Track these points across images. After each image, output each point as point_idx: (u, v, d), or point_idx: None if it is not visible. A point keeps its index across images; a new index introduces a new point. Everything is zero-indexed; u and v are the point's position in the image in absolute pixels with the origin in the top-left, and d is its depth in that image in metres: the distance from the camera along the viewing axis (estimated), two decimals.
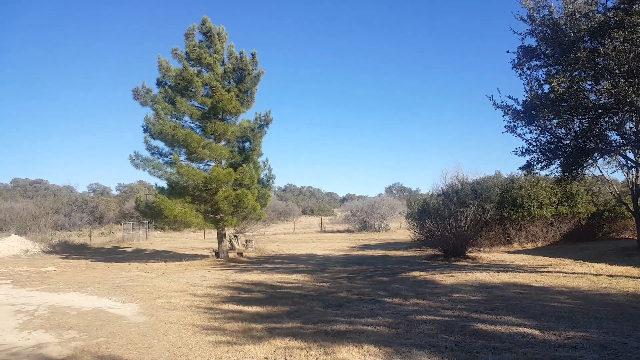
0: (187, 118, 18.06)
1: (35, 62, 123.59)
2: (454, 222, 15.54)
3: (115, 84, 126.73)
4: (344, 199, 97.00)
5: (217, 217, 18.12)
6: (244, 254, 20.38)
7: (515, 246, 19.71)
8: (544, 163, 13.42)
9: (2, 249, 23.95)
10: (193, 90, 17.53)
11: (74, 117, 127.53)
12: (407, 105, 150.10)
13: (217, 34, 18.19)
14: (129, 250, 25.76)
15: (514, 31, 12.52)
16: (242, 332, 6.50)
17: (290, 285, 11.33)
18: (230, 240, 21.50)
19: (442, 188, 21.14)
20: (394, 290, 10.02)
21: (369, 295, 9.42)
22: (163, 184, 18.35)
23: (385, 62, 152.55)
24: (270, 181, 19.92)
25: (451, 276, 11.86)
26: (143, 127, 17.47)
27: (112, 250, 26.21)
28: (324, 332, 6.38)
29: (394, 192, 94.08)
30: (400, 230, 36.17)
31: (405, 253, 19.61)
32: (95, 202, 50.86)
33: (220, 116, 17.95)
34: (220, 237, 19.21)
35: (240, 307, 8.41)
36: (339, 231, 38.56)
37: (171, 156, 17.55)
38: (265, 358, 5.24)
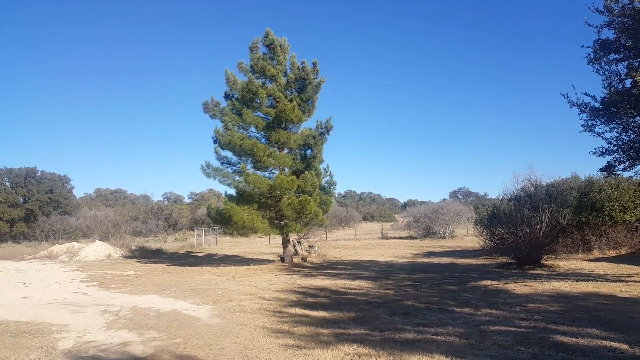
0: (252, 128, 18.79)
1: (113, 79, 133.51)
2: (527, 228, 14.82)
3: (187, 98, 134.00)
4: (405, 205, 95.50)
5: (282, 223, 18.61)
6: (307, 259, 20.73)
7: (595, 253, 18.43)
8: (627, 164, 12.47)
9: (88, 253, 26.07)
10: (258, 101, 18.22)
11: (149, 130, 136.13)
12: (472, 106, 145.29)
13: (280, 46, 18.80)
14: (201, 255, 27.07)
15: (588, 24, 11.82)
16: (310, 336, 6.69)
17: (354, 291, 11.40)
18: (294, 246, 21.96)
19: (513, 192, 20.26)
20: (463, 300, 9.79)
21: (437, 304, 9.28)
22: (232, 191, 19.19)
23: (449, 61, 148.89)
24: (332, 187, 20.15)
25: (525, 285, 11.37)
26: (213, 138, 18.43)
27: (185, 255, 27.68)
28: (391, 340, 6.41)
29: (460, 196, 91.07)
30: (467, 237, 35.04)
31: (474, 261, 19.00)
32: (170, 210, 53.94)
33: (283, 125, 18.48)
34: (285, 243, 19.70)
35: (307, 312, 8.62)
36: (401, 237, 38.04)
37: (239, 165, 18.32)
38: None
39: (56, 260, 25.49)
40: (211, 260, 22.94)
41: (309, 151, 19.32)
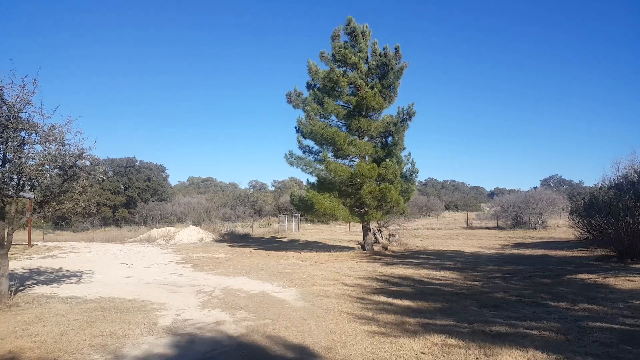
0: (333, 117, 18.92)
1: (202, 75, 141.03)
2: (630, 218, 13.47)
3: (272, 91, 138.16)
4: (492, 193, 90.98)
5: (362, 211, 18.61)
6: (388, 247, 20.57)
7: None
8: None
9: (183, 237, 28.04)
10: (339, 90, 18.26)
11: (237, 122, 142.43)
12: (565, 88, 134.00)
13: (361, 33, 18.64)
14: (284, 240, 28.00)
15: None
16: (395, 324, 6.64)
17: (439, 281, 11.12)
18: (375, 234, 21.89)
19: (613, 180, 18.42)
20: (558, 294, 9.15)
21: (529, 298, 8.77)
22: (313, 179, 19.53)
23: (541, 42, 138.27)
24: (414, 175, 19.71)
25: (629, 280, 10.35)
26: (295, 128, 18.86)
27: (270, 240, 28.79)
28: (481, 332, 6.17)
29: (552, 184, 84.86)
30: (561, 227, 32.64)
31: (568, 253, 17.67)
32: (255, 197, 56.34)
33: (364, 113, 18.38)
34: (365, 231, 19.69)
35: (390, 300, 8.57)
36: (487, 228, 36.33)
37: (320, 154, 18.58)
38: (422, 353, 5.29)
39: (154, 243, 27.76)
40: (294, 245, 23.62)
41: (389, 138, 19.06)
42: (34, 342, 5.84)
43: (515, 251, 19.36)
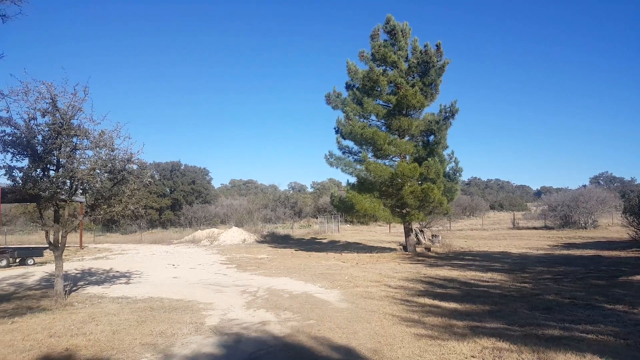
0: (373, 117, 18.78)
1: (243, 80, 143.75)
2: None
3: (310, 92, 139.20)
4: (538, 192, 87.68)
5: (404, 211, 18.33)
6: (431, 248, 20.17)
7: None
8: None
9: (226, 238, 28.60)
10: (379, 89, 18.09)
11: (276, 124, 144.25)
12: (612, 84, 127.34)
13: (401, 31, 18.41)
14: (324, 241, 28.02)
15: None
16: (442, 327, 6.46)
17: (486, 283, 10.77)
18: (417, 235, 21.52)
19: None
20: (614, 296, 8.65)
21: (583, 300, 8.34)
22: (353, 180, 19.43)
23: (589, 35, 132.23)
24: (457, 174, 19.25)
25: None
26: (335, 128, 18.83)
27: (310, 241, 28.89)
28: (534, 336, 5.90)
29: (602, 182, 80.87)
30: (613, 227, 30.99)
31: (622, 253, 16.74)
32: (295, 199, 56.79)
33: (404, 112, 18.11)
34: (407, 231, 19.39)
35: (436, 302, 8.36)
36: (535, 228, 34.99)
37: (360, 154, 18.47)
38: (472, 357, 5.11)
39: (199, 245, 28.45)
40: (334, 246, 23.59)
41: (431, 137, 18.70)
42: (88, 340, 6.06)
43: (565, 252, 18.54)
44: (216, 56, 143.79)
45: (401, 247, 20.25)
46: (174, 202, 54.59)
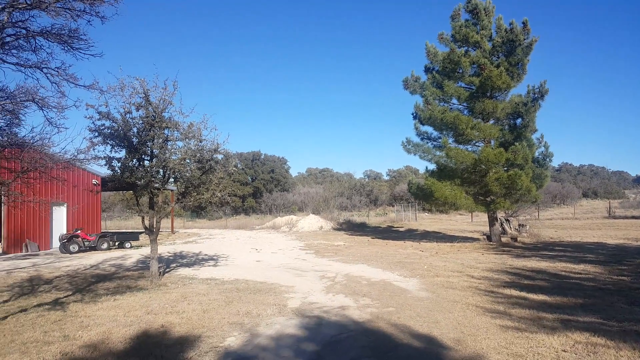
0: (454, 100, 18.06)
1: (316, 67, 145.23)
2: None
3: (386, 79, 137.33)
4: (638, 179, 79.47)
5: (488, 199, 17.52)
6: (518, 238, 19.09)
7: None
8: None
9: (304, 225, 29.28)
10: (460, 71, 17.35)
11: (351, 112, 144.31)
12: None
13: (484, 9, 17.43)
14: (401, 229, 27.67)
15: None
16: (530, 320, 6.13)
17: (578, 275, 10.01)
18: (502, 224, 20.48)
19: None
20: None
21: None
22: (432, 167, 18.89)
23: None
24: (547, 160, 17.95)
25: None
26: (413, 114, 18.41)
27: (387, 229, 28.68)
28: (634, 332, 5.41)
29: None
30: None
31: None
32: (370, 187, 56.60)
33: (488, 94, 17.19)
34: (492, 221, 18.52)
35: (523, 294, 7.93)
36: (633, 217, 31.75)
37: (439, 140, 17.90)
38: (564, 351, 4.80)
39: (278, 230, 29.45)
40: (412, 235, 23.20)
41: (518, 120, 17.61)
42: (181, 318, 6.54)
43: None
44: (291, 47, 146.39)
45: (485, 236, 19.42)
46: (255, 190, 56.79)
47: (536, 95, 16.84)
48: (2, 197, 12.20)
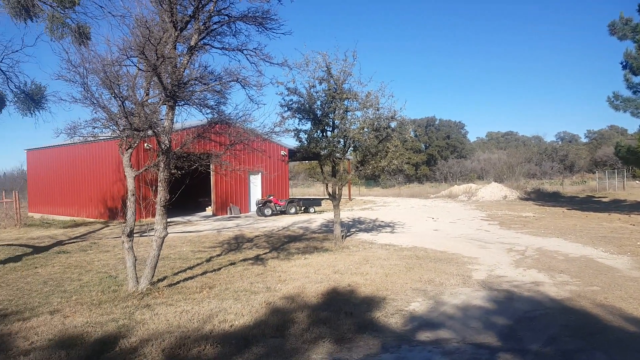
0: None
1: (500, 20, 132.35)
2: None
3: (582, 25, 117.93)
4: None
5: None
6: None
7: None
8: None
9: (485, 194, 27.64)
10: None
11: (538, 68, 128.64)
12: None
13: None
14: (604, 200, 23.95)
15: None
16: None
17: None
18: None
19: None
20: None
21: None
22: None
23: None
24: None
25: None
26: (622, 63, 15.46)
27: (586, 199, 25.17)
28: None
29: None
30: None
31: None
32: (565, 151, 50.18)
33: None
34: None
35: None
36: None
37: None
38: None
39: (456, 199, 28.41)
40: (619, 206, 19.86)
41: None
42: (365, 279, 6.85)
43: None
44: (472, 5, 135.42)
45: None
46: (429, 157, 55.66)
47: None
48: (213, 167, 14.42)
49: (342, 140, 10.06)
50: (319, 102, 9.73)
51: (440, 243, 10.79)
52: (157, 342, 4.20)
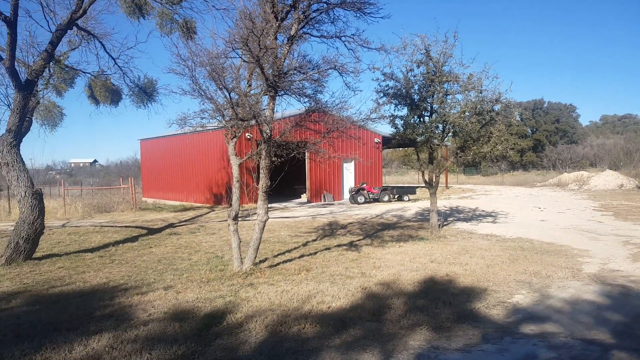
0: None
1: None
2: None
3: None
4: None
5: None
6: None
7: None
8: None
9: (598, 183, 25.13)
10: None
11: None
12: None
13: None
14: None
15: None
16: None
17: None
18: None
19: None
20: None
21: None
22: None
23: None
24: None
25: None
26: None
27: None
28: None
29: None
30: None
31: None
32: None
33: None
34: None
35: None
36: None
37: None
38: None
39: (565, 188, 26.17)
40: None
41: None
42: (464, 270, 6.61)
43: None
44: None
45: None
46: (536, 142, 51.68)
47: None
48: (308, 154, 14.81)
49: (440, 125, 9.74)
50: (416, 87, 9.51)
51: (547, 234, 10.08)
52: (260, 319, 4.48)
